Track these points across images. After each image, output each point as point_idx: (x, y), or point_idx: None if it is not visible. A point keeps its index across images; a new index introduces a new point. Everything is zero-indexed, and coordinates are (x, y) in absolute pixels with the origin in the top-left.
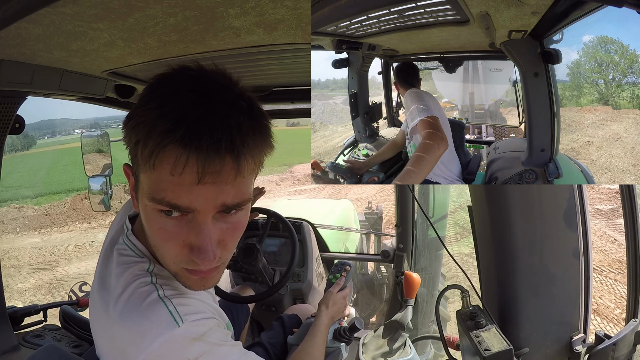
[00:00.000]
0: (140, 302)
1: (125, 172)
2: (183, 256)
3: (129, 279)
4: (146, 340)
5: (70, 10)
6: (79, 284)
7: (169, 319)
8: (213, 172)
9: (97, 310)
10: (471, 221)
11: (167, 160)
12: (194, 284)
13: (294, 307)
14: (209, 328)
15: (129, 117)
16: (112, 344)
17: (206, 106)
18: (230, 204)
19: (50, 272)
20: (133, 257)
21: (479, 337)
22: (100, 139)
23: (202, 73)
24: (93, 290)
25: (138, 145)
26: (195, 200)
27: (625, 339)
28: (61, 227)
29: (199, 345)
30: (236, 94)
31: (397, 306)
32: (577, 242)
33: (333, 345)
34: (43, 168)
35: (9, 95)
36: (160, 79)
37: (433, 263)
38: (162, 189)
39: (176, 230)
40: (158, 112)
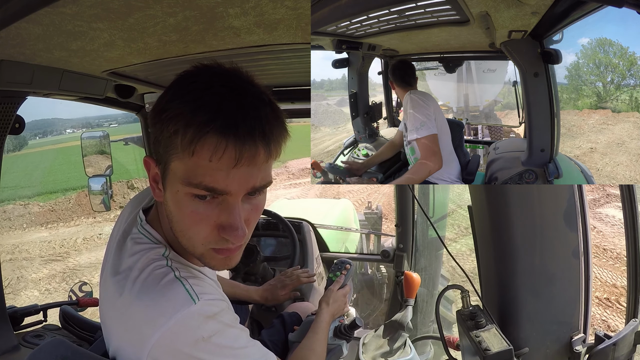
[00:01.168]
0: (157, 282)
1: (146, 163)
2: (213, 237)
3: (146, 263)
4: (164, 317)
5: (70, 10)
6: (79, 284)
7: (185, 296)
8: (248, 157)
9: (110, 296)
10: (471, 221)
11: (207, 147)
12: (219, 263)
13: (294, 305)
14: (222, 309)
15: (162, 109)
16: (127, 326)
17: (238, 99)
18: (258, 186)
19: (62, 263)
20: (149, 244)
21: (479, 337)
22: (101, 139)
23: (226, 70)
24: (105, 279)
25: (177, 134)
26: (231, 183)
27: (625, 339)
28: (67, 222)
29: (212, 324)
30: (258, 89)
31: (397, 306)
32: (577, 242)
33: (334, 342)
34: (38, 168)
35: (9, 95)
36: (188, 76)
37: (433, 263)
38: (200, 174)
39: (208, 212)
40: (195, 104)
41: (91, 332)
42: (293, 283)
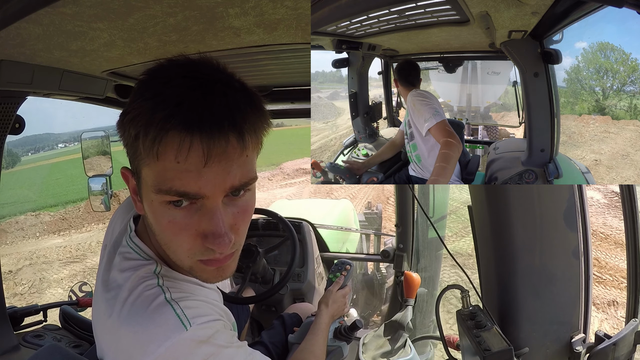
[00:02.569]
0: (146, 306)
1: (124, 175)
2: (197, 247)
3: (135, 282)
4: (153, 344)
5: (70, 10)
6: (79, 284)
7: (176, 322)
8: (219, 152)
9: (101, 313)
10: (471, 221)
11: (170, 146)
12: (211, 276)
13: (294, 306)
14: (216, 330)
15: (124, 113)
16: (117, 347)
17: (202, 88)
18: (238, 184)
19: (81, 263)
20: (138, 260)
21: (479, 337)
22: (101, 140)
23: (191, 61)
24: (97, 294)
25: (138, 137)
26: (204, 185)
27: (625, 339)
28: (79, 228)
29: (206, 348)
30: (228, 75)
31: (397, 306)
32: (577, 242)
33: (334, 344)
34: (35, 184)
35: (9, 95)
36: (150, 73)
37: (433, 263)
38: (169, 178)
39: (187, 220)
40: (154, 101)
41: (91, 332)
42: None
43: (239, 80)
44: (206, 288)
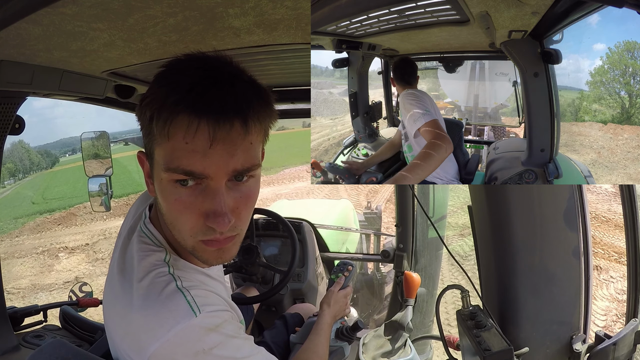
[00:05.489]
0: (159, 291)
1: (140, 158)
2: (199, 226)
3: (148, 267)
4: (163, 329)
5: (70, 10)
6: (79, 284)
7: (187, 308)
8: (223, 136)
9: (115, 294)
10: (471, 221)
11: (180, 127)
12: (211, 257)
13: (296, 306)
14: (224, 320)
15: (142, 98)
16: (127, 330)
17: (212, 77)
18: (241, 169)
19: None
20: (151, 246)
21: (479, 337)
22: (100, 139)
23: (205, 55)
24: (111, 276)
25: (152, 119)
26: (209, 165)
27: (625, 338)
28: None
29: (214, 336)
30: (239, 69)
31: (397, 306)
32: (577, 242)
33: (336, 344)
34: (80, 181)
35: (9, 95)
36: (168, 65)
37: (433, 263)
38: (177, 157)
39: (191, 199)
40: (168, 88)
41: (91, 332)
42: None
43: (248, 75)
44: (214, 280)
